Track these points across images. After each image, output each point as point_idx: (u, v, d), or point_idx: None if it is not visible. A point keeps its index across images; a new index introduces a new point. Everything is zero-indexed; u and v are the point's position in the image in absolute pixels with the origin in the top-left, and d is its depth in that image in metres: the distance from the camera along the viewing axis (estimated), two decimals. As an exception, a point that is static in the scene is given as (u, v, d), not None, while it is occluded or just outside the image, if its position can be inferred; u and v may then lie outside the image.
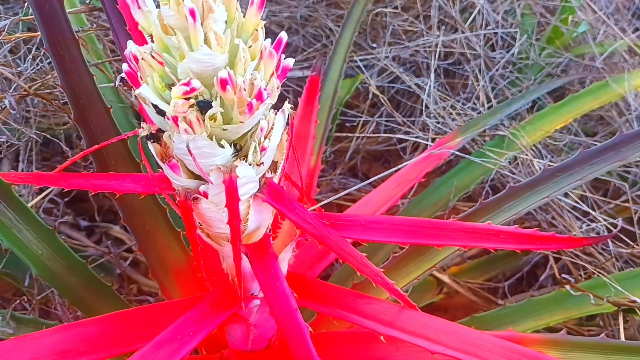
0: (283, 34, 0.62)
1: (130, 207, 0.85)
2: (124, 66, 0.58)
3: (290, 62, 0.64)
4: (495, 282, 1.24)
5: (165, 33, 0.54)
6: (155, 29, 0.55)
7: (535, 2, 1.45)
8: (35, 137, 0.89)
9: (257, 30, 0.58)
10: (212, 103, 0.56)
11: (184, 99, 0.54)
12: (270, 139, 0.64)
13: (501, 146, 1.11)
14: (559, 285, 1.02)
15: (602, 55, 1.41)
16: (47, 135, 0.95)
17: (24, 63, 0.83)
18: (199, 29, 0.52)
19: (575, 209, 1.17)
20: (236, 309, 0.74)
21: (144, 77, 0.57)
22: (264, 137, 0.63)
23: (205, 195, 0.64)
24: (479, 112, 1.32)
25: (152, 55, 0.56)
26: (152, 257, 0.88)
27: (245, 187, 0.64)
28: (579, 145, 1.33)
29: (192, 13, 0.50)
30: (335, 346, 0.86)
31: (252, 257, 0.70)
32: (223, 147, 0.59)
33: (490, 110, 1.18)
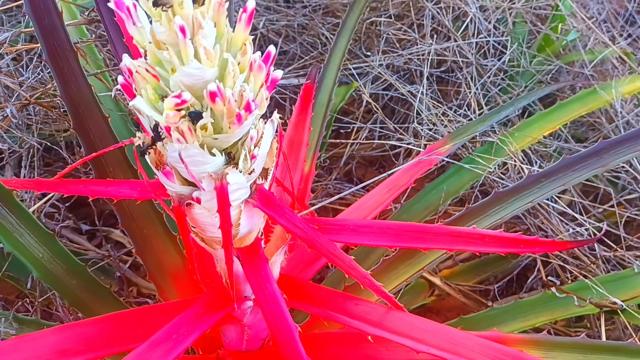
0: (272, 48, 0.65)
1: (128, 212, 0.88)
2: (120, 78, 0.61)
3: (279, 73, 0.67)
4: (486, 285, 1.27)
5: (157, 48, 0.57)
6: (149, 45, 0.58)
7: (526, 10, 1.48)
8: (36, 144, 0.92)
9: (245, 44, 0.61)
10: (203, 114, 0.59)
11: (175, 110, 0.57)
12: (260, 147, 0.67)
13: (490, 152, 1.13)
14: (547, 287, 1.05)
15: (592, 62, 1.44)
16: (48, 143, 0.98)
17: (25, 72, 0.87)
18: (189, 45, 0.55)
19: (565, 213, 1.19)
20: (229, 310, 0.77)
21: (138, 89, 0.60)
22: (254, 146, 0.66)
23: (198, 201, 0.67)
24: (470, 119, 1.35)
25: (145, 68, 0.59)
26: (150, 261, 0.91)
27: (237, 194, 0.67)
28: (569, 151, 1.36)
29: (182, 30, 0.53)
30: (326, 346, 0.88)
31: (243, 260, 0.73)
32: (214, 155, 0.62)
33: (481, 117, 1.21)
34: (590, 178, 1.20)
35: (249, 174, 0.66)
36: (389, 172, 1.03)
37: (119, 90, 0.64)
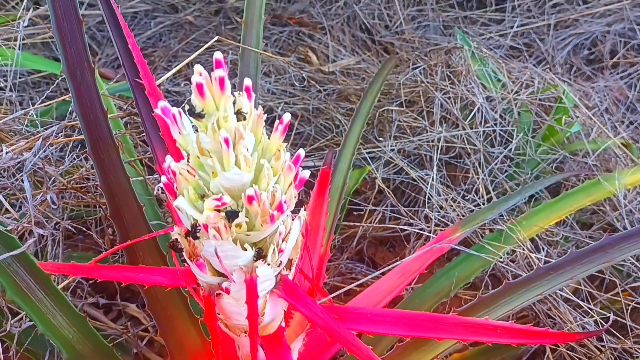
0: (301, 151, 0.71)
1: (154, 295, 0.91)
2: (163, 178, 0.67)
3: (306, 174, 0.73)
4: (496, 370, 1.28)
5: (201, 154, 0.63)
6: (192, 149, 0.64)
7: (531, 101, 1.56)
8: (70, 227, 0.97)
9: (279, 150, 0.67)
10: (239, 213, 0.64)
11: (215, 210, 0.62)
12: (287, 242, 0.71)
13: (499, 240, 1.18)
14: (556, 376, 1.07)
15: (595, 152, 1.50)
16: (79, 225, 1.03)
17: (66, 160, 0.93)
18: (231, 154, 0.60)
19: (571, 300, 1.22)
20: (250, 395, 0.80)
21: (180, 188, 0.66)
22: (282, 240, 0.71)
23: (227, 291, 0.71)
24: (477, 205, 1.40)
25: (187, 170, 0.65)
26: (172, 342, 0.94)
27: (264, 285, 0.71)
28: (574, 238, 1.40)
29: (226, 141, 0.59)
30: None
31: (267, 348, 0.76)
32: (246, 250, 0.67)
33: (490, 204, 1.26)
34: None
35: (277, 266, 0.71)
36: (403, 260, 1.07)
37: (161, 187, 0.69)
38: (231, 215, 0.64)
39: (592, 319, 1.16)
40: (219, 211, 0.62)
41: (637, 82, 2.04)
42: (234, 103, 0.62)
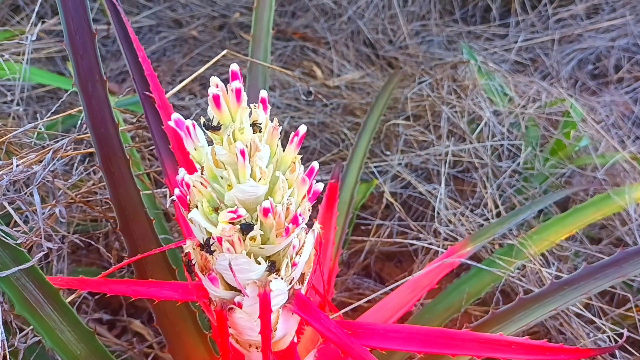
0: (315, 164, 0.70)
1: (162, 310, 0.90)
2: (176, 191, 0.66)
3: (320, 187, 0.72)
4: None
5: (216, 166, 0.62)
6: (207, 161, 0.63)
7: (538, 116, 1.56)
8: (78, 241, 0.96)
9: (294, 163, 0.66)
10: (254, 226, 0.63)
11: (230, 223, 0.61)
12: (300, 255, 0.70)
13: (510, 254, 1.17)
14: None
15: (604, 166, 1.49)
16: (85, 238, 1.02)
17: (74, 173, 0.92)
18: (247, 166, 0.60)
19: (582, 316, 1.21)
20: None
21: (193, 201, 0.65)
22: (295, 254, 0.70)
23: (240, 305, 0.70)
24: (486, 219, 1.39)
25: (201, 182, 0.64)
26: (180, 358, 0.92)
27: (277, 299, 0.70)
28: (584, 252, 1.39)
29: (242, 153, 0.58)
30: None
31: (279, 364, 0.75)
32: (259, 264, 0.66)
33: (499, 219, 1.25)
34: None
35: (290, 281, 0.70)
36: (412, 275, 1.06)
37: (172, 200, 0.68)
38: (246, 228, 0.63)
39: (604, 335, 1.14)
40: (233, 224, 0.61)
41: (643, 96, 2.04)
42: (250, 115, 0.62)
